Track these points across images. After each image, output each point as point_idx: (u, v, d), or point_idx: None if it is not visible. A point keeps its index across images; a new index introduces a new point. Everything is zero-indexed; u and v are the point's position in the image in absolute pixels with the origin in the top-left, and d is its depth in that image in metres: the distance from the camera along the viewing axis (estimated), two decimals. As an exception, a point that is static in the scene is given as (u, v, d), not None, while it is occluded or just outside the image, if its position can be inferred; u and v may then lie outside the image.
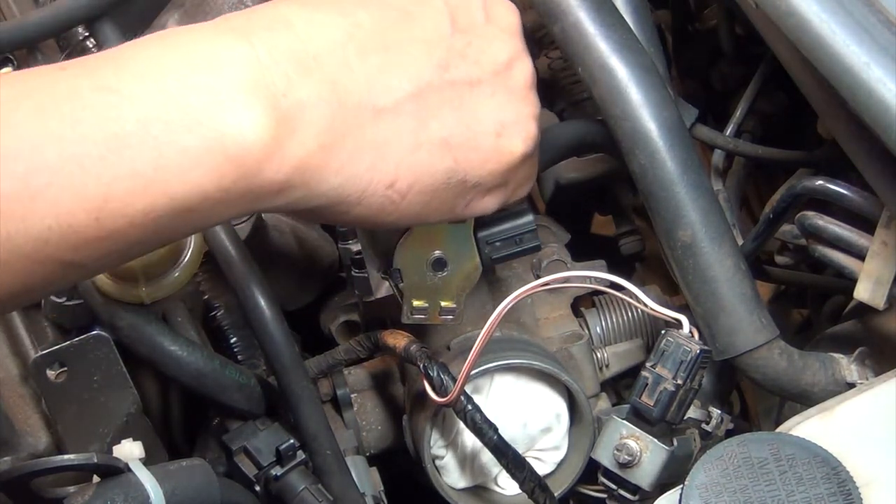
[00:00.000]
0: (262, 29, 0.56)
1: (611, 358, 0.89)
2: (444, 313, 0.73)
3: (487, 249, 0.72)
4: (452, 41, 0.61)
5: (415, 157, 0.59)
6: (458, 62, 0.61)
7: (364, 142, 0.57)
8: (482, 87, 0.62)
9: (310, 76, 0.55)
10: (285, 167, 0.54)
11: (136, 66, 0.52)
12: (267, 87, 0.54)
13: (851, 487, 0.54)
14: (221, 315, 0.87)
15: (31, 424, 0.78)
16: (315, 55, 0.56)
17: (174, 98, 0.51)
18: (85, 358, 0.75)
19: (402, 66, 0.59)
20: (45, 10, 0.79)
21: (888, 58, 0.56)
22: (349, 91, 0.57)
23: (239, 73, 0.53)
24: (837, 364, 0.72)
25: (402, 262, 0.71)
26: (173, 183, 0.51)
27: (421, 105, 0.59)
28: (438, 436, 0.81)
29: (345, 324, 0.95)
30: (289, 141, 0.54)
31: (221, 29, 0.56)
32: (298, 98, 0.55)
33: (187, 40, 0.55)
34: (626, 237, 1.06)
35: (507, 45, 0.63)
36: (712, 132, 0.93)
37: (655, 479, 0.66)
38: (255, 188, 0.54)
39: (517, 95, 0.63)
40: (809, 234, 0.74)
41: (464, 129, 0.61)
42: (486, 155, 0.62)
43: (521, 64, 0.64)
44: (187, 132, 0.51)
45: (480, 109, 0.61)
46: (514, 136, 0.63)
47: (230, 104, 0.52)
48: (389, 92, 0.58)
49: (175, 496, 0.61)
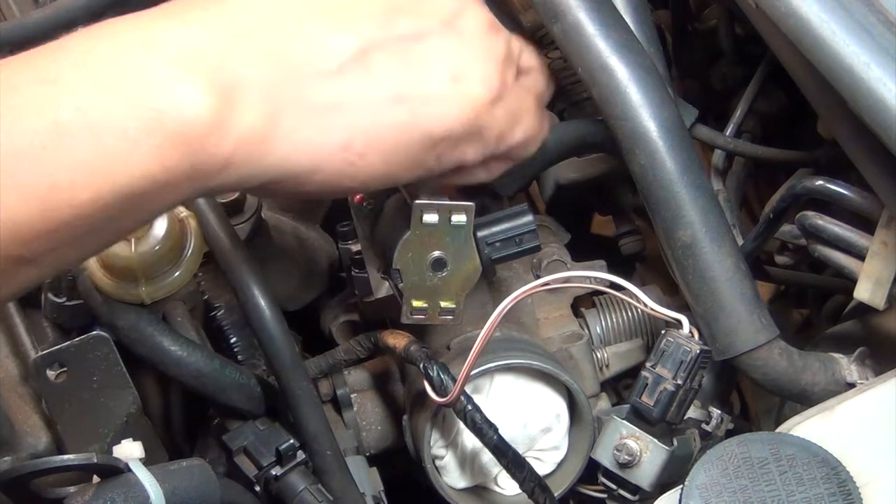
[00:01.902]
0: (195, 8, 0.56)
1: (611, 358, 0.89)
2: (443, 313, 0.73)
3: (487, 250, 0.72)
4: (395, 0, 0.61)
5: (367, 116, 0.59)
6: (401, 17, 0.60)
7: (310, 106, 0.57)
8: (430, 37, 0.61)
9: (245, 47, 0.55)
10: (229, 139, 0.54)
11: (74, 56, 0.52)
12: (202, 62, 0.53)
13: (851, 487, 0.54)
14: (221, 315, 0.87)
15: (31, 424, 0.78)
16: (249, 26, 0.56)
17: (110, 83, 0.51)
18: (85, 358, 0.75)
19: (343, 28, 0.59)
20: (45, 10, 0.79)
21: (888, 58, 0.56)
22: (288, 57, 0.57)
23: (172, 52, 0.53)
24: (837, 364, 0.72)
25: (402, 262, 0.71)
26: (117, 168, 0.51)
27: (366, 63, 0.59)
28: (438, 436, 0.81)
29: (345, 324, 0.95)
30: (229, 112, 0.54)
31: (156, 13, 0.56)
32: (234, 69, 0.54)
33: (123, 28, 0.55)
34: (626, 237, 1.06)
35: (457, 3, 0.63)
36: (712, 132, 0.93)
37: (655, 479, 0.66)
38: (201, 165, 0.53)
39: (471, 40, 0.63)
40: (809, 234, 0.74)
41: (415, 81, 0.60)
42: (445, 104, 0.61)
43: (472, 11, 0.63)
44: (125, 114, 0.51)
45: (430, 60, 0.61)
46: (471, 79, 0.62)
47: (165, 82, 0.52)
48: (331, 54, 0.58)
49: (175, 496, 0.61)
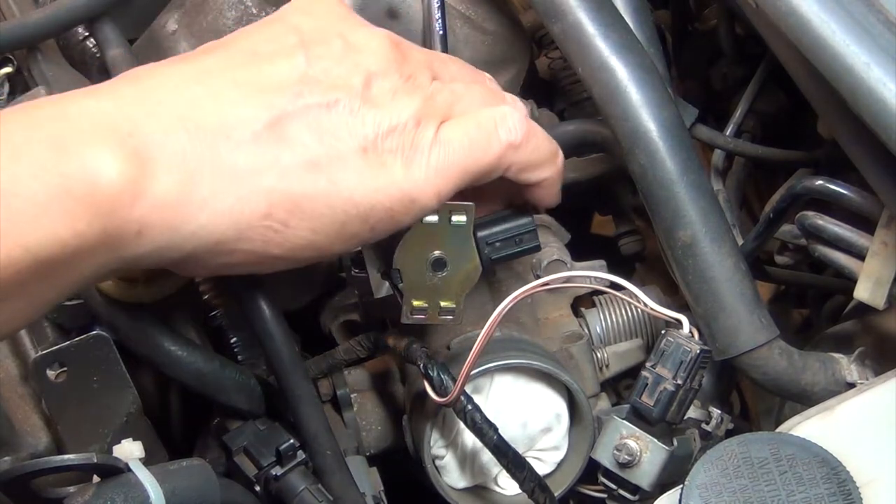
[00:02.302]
0: (108, 87, 0.58)
1: (611, 358, 0.89)
2: (443, 313, 0.73)
3: (487, 250, 0.72)
4: (306, 70, 0.61)
5: (285, 182, 0.59)
6: (312, 87, 0.61)
7: (227, 172, 0.57)
8: (339, 106, 0.61)
9: (157, 115, 0.56)
10: (142, 203, 0.54)
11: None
12: (112, 130, 0.54)
13: (851, 487, 0.54)
14: (221, 315, 0.87)
15: (31, 424, 0.78)
16: (160, 97, 0.57)
17: (19, 150, 0.52)
18: (85, 358, 0.75)
19: (254, 99, 0.59)
20: (45, 10, 0.79)
21: (888, 58, 0.56)
22: (200, 125, 0.57)
23: (83, 122, 0.54)
24: (837, 364, 0.72)
25: (402, 262, 0.71)
26: (26, 231, 0.51)
27: (279, 132, 0.59)
28: (438, 436, 0.81)
29: (345, 324, 0.95)
30: (141, 176, 0.54)
31: (70, 94, 0.57)
32: (146, 136, 0.55)
33: (36, 104, 0.56)
34: (626, 237, 1.06)
35: (363, 66, 0.63)
36: (712, 132, 0.93)
37: (655, 479, 0.66)
38: (114, 229, 0.54)
39: (382, 110, 0.62)
40: (809, 234, 0.74)
41: (328, 149, 0.60)
42: (360, 174, 0.61)
43: (383, 80, 0.63)
44: (33, 179, 0.51)
45: (340, 129, 0.61)
46: (382, 152, 0.62)
47: (74, 148, 0.53)
48: (244, 124, 0.58)
49: (175, 496, 0.61)
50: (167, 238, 0.56)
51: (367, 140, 0.61)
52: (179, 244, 0.57)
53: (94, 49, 0.84)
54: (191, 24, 0.83)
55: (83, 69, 0.85)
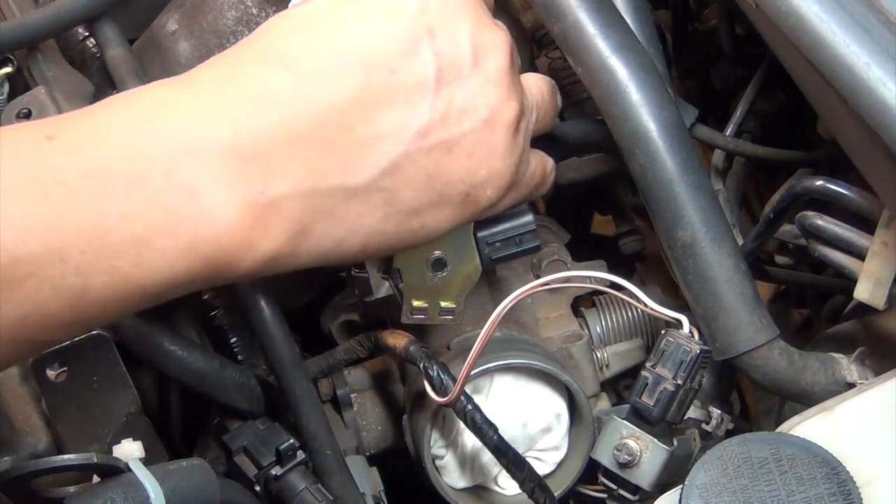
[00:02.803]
0: (245, 104, 0.54)
1: (611, 358, 0.89)
2: (443, 313, 0.73)
3: (487, 250, 0.72)
4: (434, 100, 0.58)
5: (384, 227, 0.59)
6: (437, 127, 0.58)
7: (335, 222, 0.57)
8: (460, 149, 0.59)
9: (288, 164, 0.55)
10: (257, 262, 0.55)
11: (120, 152, 0.52)
12: (247, 185, 0.53)
13: (851, 487, 0.54)
14: (221, 315, 0.87)
15: (31, 424, 0.78)
16: (297, 139, 0.55)
17: (156, 195, 0.51)
18: (85, 358, 0.75)
19: (381, 138, 0.57)
20: (45, 10, 0.79)
21: (888, 58, 0.56)
22: (325, 173, 0.56)
23: (220, 168, 0.53)
24: (837, 364, 0.72)
25: (402, 262, 0.71)
26: (149, 279, 0.52)
27: (395, 178, 0.58)
28: (438, 436, 0.81)
29: (345, 324, 0.95)
30: (262, 240, 0.54)
31: (204, 104, 0.55)
32: (275, 193, 0.54)
33: (170, 118, 0.54)
34: (626, 237, 1.06)
35: (489, 98, 0.60)
36: (712, 132, 0.93)
37: (655, 479, 0.66)
38: (224, 278, 0.55)
39: (496, 152, 0.61)
40: (809, 234, 0.74)
41: (434, 196, 0.59)
42: (452, 213, 0.61)
43: (504, 116, 0.60)
44: (167, 234, 0.51)
45: (454, 174, 0.59)
46: (481, 194, 0.61)
47: (209, 206, 0.52)
48: (365, 170, 0.57)
49: (175, 496, 0.61)
50: (268, 274, 0.57)
51: (474, 186, 0.61)
52: (274, 274, 0.58)
53: (94, 49, 0.84)
54: (191, 24, 0.83)
55: (83, 69, 0.85)
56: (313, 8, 0.59)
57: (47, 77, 0.80)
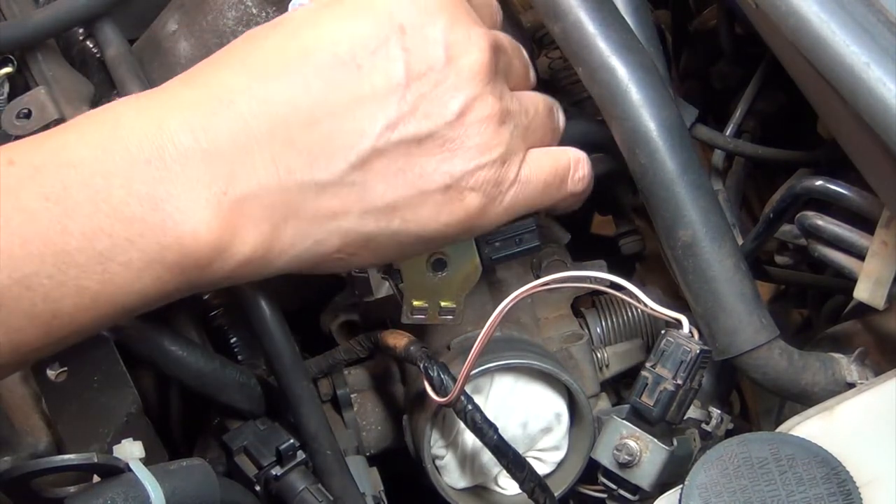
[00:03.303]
0: (206, 112, 0.55)
1: (611, 358, 0.89)
2: (443, 313, 0.73)
3: (487, 249, 0.72)
4: (403, 93, 0.58)
5: (360, 224, 0.59)
6: (406, 119, 0.58)
7: (306, 220, 0.57)
8: (431, 141, 0.59)
9: (251, 163, 0.55)
10: (227, 266, 0.55)
11: (81, 170, 0.52)
12: (208, 187, 0.53)
13: (851, 487, 0.54)
14: (221, 315, 0.87)
15: (31, 424, 0.78)
16: (257, 137, 0.55)
17: (117, 208, 0.51)
18: (85, 358, 0.75)
19: (346, 133, 0.57)
20: (45, 10, 0.79)
21: (888, 58, 0.56)
22: (290, 170, 0.56)
23: (180, 174, 0.53)
24: (837, 364, 0.72)
25: (402, 262, 0.71)
26: (118, 294, 0.52)
27: (365, 173, 0.58)
28: (438, 436, 0.81)
29: (345, 324, 0.95)
30: (231, 242, 0.54)
31: (166, 111, 0.55)
32: (240, 192, 0.54)
33: (131, 131, 0.54)
34: (626, 237, 1.06)
35: (462, 92, 0.59)
36: (712, 132, 0.93)
37: (655, 479, 0.66)
38: (198, 286, 0.55)
39: (470, 144, 0.60)
40: (809, 234, 0.74)
41: (409, 190, 0.59)
42: (436, 211, 0.60)
43: (478, 110, 0.60)
44: (130, 246, 0.52)
45: (427, 166, 0.59)
46: (464, 188, 0.60)
47: (171, 213, 0.52)
48: (332, 164, 0.57)
49: (175, 496, 0.61)
50: (245, 280, 0.58)
51: (452, 178, 0.60)
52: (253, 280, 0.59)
53: (94, 49, 0.84)
54: (191, 24, 0.83)
55: (83, 69, 0.85)
56: (297, 15, 0.60)
57: (47, 77, 0.80)
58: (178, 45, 0.83)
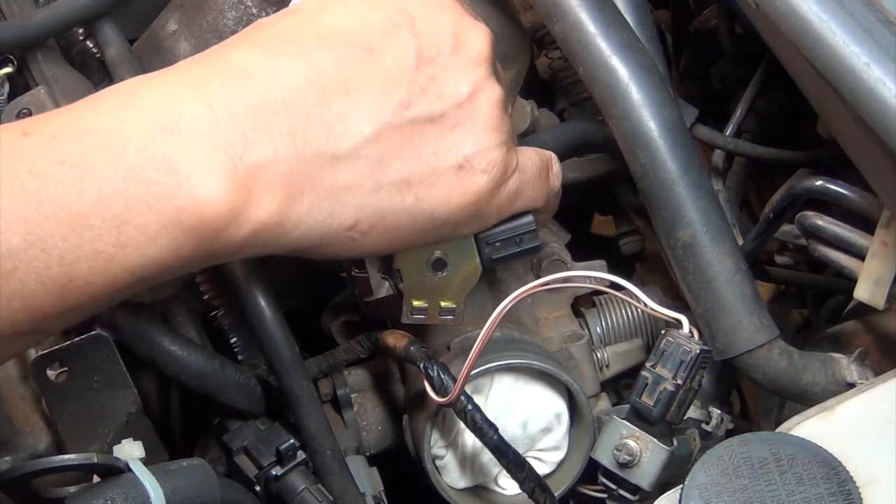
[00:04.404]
0: (220, 83, 0.56)
1: (611, 358, 0.89)
2: (443, 313, 0.73)
3: (487, 250, 0.72)
4: (415, 75, 0.60)
5: (375, 200, 0.60)
6: (419, 99, 0.60)
7: (322, 191, 0.58)
8: (444, 121, 0.61)
9: (268, 131, 0.56)
10: (244, 229, 0.55)
11: (97, 136, 0.52)
12: (224, 151, 0.54)
13: (851, 487, 0.54)
14: (221, 315, 0.87)
15: (31, 424, 0.78)
16: (273, 108, 0.56)
17: (133, 172, 0.52)
18: (85, 358, 0.75)
19: (362, 108, 0.58)
20: (45, 10, 0.79)
21: (888, 58, 0.56)
22: (307, 141, 0.57)
23: (196, 140, 0.53)
24: (837, 364, 0.72)
25: (402, 262, 0.71)
26: (133, 258, 0.52)
27: (380, 147, 0.59)
28: (438, 436, 0.81)
29: (345, 324, 0.95)
30: (246, 206, 0.55)
31: (180, 83, 0.56)
32: (256, 159, 0.55)
33: (146, 100, 0.55)
34: (626, 237, 1.06)
35: (471, 76, 0.62)
36: (712, 132, 0.93)
37: (655, 479, 0.66)
38: (213, 253, 0.55)
39: (481, 126, 0.62)
40: (809, 234, 0.74)
41: (423, 167, 0.60)
42: (449, 190, 0.62)
43: (487, 93, 0.63)
44: (146, 209, 0.52)
45: (441, 144, 0.61)
46: (476, 168, 0.62)
47: (187, 176, 0.53)
48: (348, 137, 0.58)
49: (175, 496, 0.61)
50: (258, 251, 0.58)
51: (465, 158, 0.62)
52: (266, 252, 0.58)
53: (94, 49, 0.84)
54: (191, 24, 0.83)
55: (83, 69, 0.85)
56: (305, 4, 0.62)
57: (47, 77, 0.80)
58: (178, 45, 0.83)
